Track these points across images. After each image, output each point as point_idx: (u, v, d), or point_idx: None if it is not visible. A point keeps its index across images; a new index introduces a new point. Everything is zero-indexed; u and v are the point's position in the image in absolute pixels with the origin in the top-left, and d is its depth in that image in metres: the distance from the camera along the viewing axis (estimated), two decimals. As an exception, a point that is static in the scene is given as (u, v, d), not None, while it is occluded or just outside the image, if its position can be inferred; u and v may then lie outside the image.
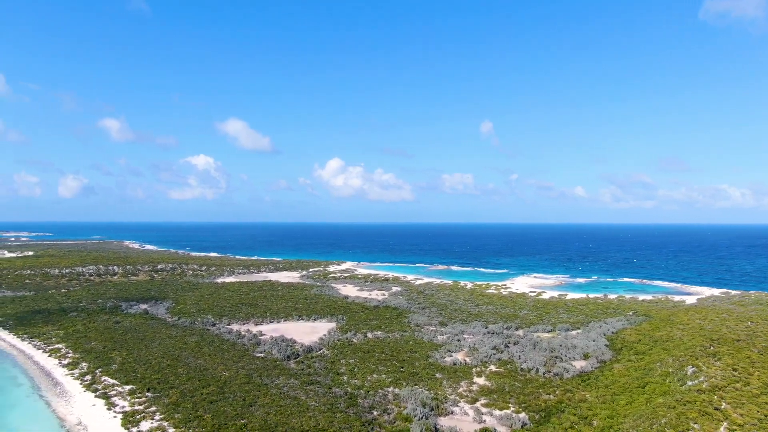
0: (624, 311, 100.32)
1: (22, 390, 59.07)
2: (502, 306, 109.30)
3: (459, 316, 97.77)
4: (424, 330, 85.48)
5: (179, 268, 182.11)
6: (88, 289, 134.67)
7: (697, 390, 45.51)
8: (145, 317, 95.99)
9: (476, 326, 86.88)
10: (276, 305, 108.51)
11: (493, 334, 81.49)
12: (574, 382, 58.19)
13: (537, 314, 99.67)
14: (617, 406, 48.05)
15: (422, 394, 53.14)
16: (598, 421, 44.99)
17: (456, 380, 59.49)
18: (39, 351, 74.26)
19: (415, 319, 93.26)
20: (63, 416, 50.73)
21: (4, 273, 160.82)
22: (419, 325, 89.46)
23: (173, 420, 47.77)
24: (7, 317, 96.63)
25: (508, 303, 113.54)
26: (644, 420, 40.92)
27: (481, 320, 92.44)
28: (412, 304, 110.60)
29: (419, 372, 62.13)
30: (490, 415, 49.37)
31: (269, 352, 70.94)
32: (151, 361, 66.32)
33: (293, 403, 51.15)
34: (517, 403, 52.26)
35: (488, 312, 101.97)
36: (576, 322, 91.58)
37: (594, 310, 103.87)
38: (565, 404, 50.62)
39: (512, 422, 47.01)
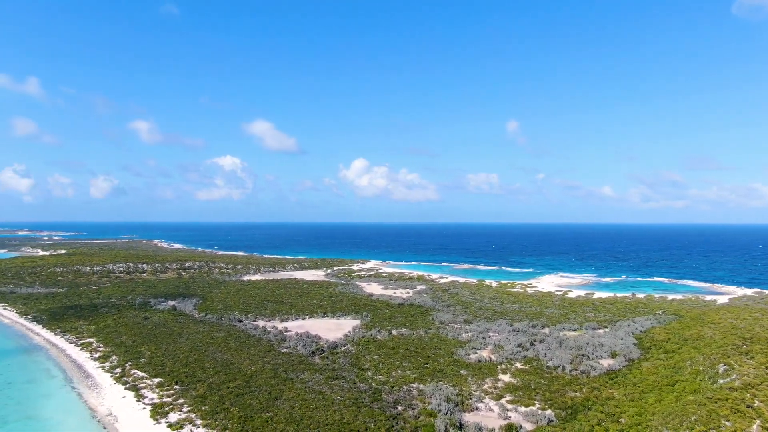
0: (653, 310, 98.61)
1: (55, 382, 60.62)
2: (527, 304, 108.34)
3: (484, 314, 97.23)
4: (449, 327, 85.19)
5: (206, 266, 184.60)
6: (118, 286, 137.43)
7: (728, 388, 44.52)
8: (173, 313, 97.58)
9: (501, 324, 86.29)
10: (301, 302, 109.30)
11: (519, 332, 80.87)
12: (601, 380, 57.42)
13: (563, 313, 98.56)
14: (646, 404, 47.27)
15: (447, 390, 53.03)
16: (626, 418, 44.33)
17: (481, 377, 59.19)
18: (71, 345, 76.08)
19: (440, 317, 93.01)
20: (94, 407, 51.92)
21: (38, 270, 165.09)
22: (444, 322, 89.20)
23: (200, 412, 48.51)
24: (41, 313, 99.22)
25: (534, 302, 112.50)
26: (674, 417, 40.19)
27: (506, 318, 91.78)
28: (437, 302, 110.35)
29: (444, 368, 61.98)
30: (515, 412, 49.03)
31: (294, 348, 71.51)
32: (179, 355, 67.42)
33: (318, 398, 51.49)
34: (543, 400, 51.77)
35: (513, 310, 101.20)
36: (603, 320, 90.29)
37: (622, 309, 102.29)
38: (592, 402, 49.98)
39: (538, 419, 46.60)
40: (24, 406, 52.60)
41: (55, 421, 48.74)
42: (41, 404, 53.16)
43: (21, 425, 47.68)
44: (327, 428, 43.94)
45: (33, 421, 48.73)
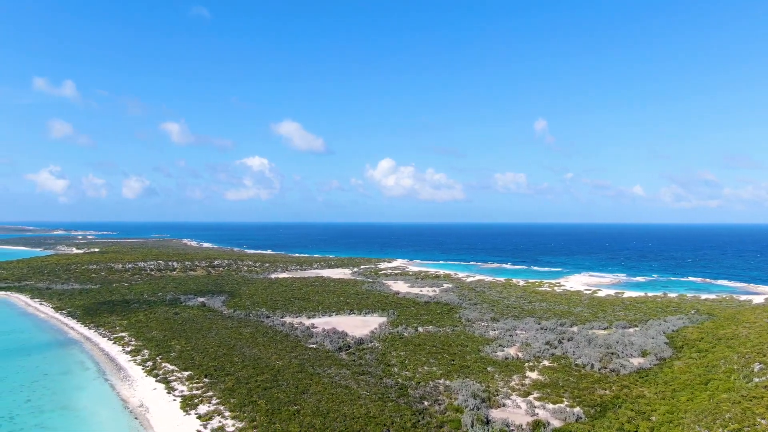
0: (685, 310, 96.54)
1: (89, 374, 62.10)
2: (555, 303, 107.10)
3: (511, 312, 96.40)
4: (476, 325, 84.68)
5: (235, 264, 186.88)
6: (149, 282, 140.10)
7: (764, 386, 43.26)
8: (202, 309, 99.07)
9: (529, 322, 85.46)
10: (328, 300, 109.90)
11: (547, 330, 79.99)
12: (631, 378, 56.43)
13: (592, 311, 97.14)
14: (677, 402, 46.28)
15: (473, 387, 52.72)
16: (657, 416, 43.46)
17: (508, 374, 58.71)
18: (104, 339, 77.85)
19: (466, 315, 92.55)
20: (126, 398, 53.03)
21: (73, 268, 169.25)
22: (470, 320, 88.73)
23: (229, 404, 49.15)
24: (76, 308, 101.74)
25: (562, 300, 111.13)
26: (707, 415, 39.26)
27: (533, 317, 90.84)
28: (464, 300, 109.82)
29: (470, 365, 61.65)
30: (543, 409, 48.49)
31: (321, 344, 71.93)
32: (208, 349, 68.41)
33: (345, 392, 51.70)
34: (572, 397, 51.10)
35: (541, 309, 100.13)
36: (634, 319, 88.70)
37: (653, 308, 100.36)
38: (622, 399, 49.14)
39: (566, 416, 46.01)
40: (59, 396, 54.02)
41: (89, 412, 49.92)
42: (75, 395, 54.52)
43: (56, 415, 48.96)
44: (353, 422, 44.09)
45: (67, 411, 50.00)
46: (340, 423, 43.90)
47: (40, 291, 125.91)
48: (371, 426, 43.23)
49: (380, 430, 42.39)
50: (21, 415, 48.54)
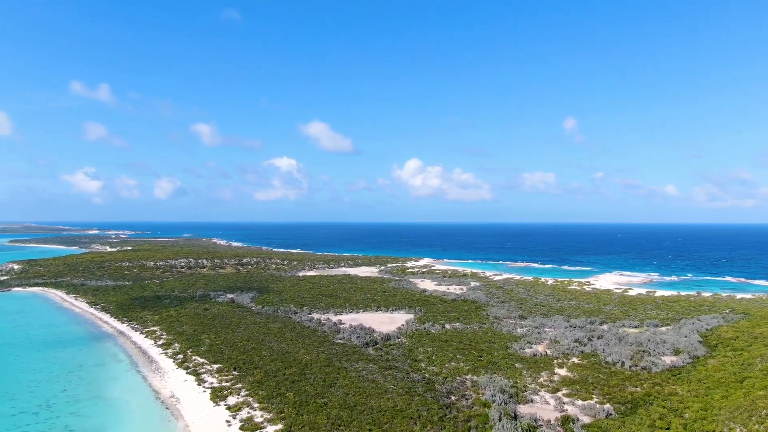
0: (720, 309, 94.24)
1: (122, 365, 63.53)
2: (585, 302, 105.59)
3: (539, 310, 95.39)
4: (503, 323, 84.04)
5: (263, 262, 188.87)
6: (180, 279, 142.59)
7: (803, 385, 42.11)
8: (231, 305, 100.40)
9: (557, 320, 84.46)
10: (355, 297, 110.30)
11: (576, 328, 78.94)
12: (663, 375, 55.31)
13: (623, 310, 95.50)
14: (711, 400, 45.23)
15: (501, 382, 52.31)
16: (690, 413, 42.53)
17: (536, 370, 58.13)
18: (136, 332, 79.52)
19: (494, 312, 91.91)
20: (158, 389, 54.09)
21: (106, 265, 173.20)
22: (498, 318, 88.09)
23: (257, 396, 49.74)
24: (109, 303, 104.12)
25: (592, 299, 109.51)
26: (742, 412, 38.30)
27: (562, 315, 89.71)
28: (491, 298, 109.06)
29: (498, 361, 61.23)
30: (572, 405, 47.88)
31: (348, 339, 72.25)
32: (236, 343, 69.32)
33: (372, 386, 51.85)
34: (602, 394, 50.34)
35: (570, 307, 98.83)
36: (666, 318, 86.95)
37: (686, 307, 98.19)
38: (654, 397, 48.22)
39: (596, 412, 45.35)
40: (93, 386, 55.38)
41: (122, 401, 51.07)
42: (109, 386, 55.83)
43: (90, 404, 50.21)
44: (380, 414, 44.20)
45: (101, 401, 51.23)
46: (367, 416, 44.05)
47: (75, 287, 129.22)
48: (398, 419, 43.27)
49: (407, 423, 42.40)
50: (57, 404, 49.93)
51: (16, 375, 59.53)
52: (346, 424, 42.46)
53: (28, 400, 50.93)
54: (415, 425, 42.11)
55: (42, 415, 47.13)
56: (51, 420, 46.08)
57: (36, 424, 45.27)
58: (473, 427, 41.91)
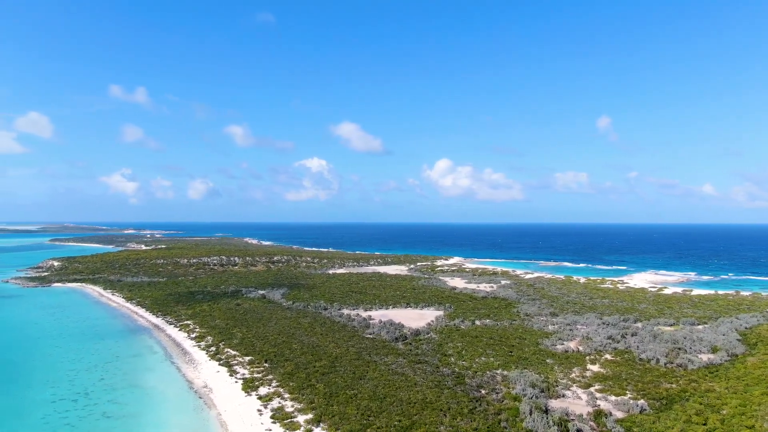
0: (760, 308, 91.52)
1: (157, 357, 64.96)
2: (618, 300, 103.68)
3: (571, 308, 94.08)
4: (534, 320, 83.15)
5: (294, 260, 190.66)
6: (212, 276, 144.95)
7: None
8: (262, 301, 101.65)
9: (590, 318, 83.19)
10: (384, 294, 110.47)
11: (609, 325, 77.62)
12: (699, 373, 54.00)
13: (658, 308, 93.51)
14: (750, 396, 43.98)
15: (532, 377, 51.80)
16: (728, 409, 41.43)
17: (568, 366, 57.38)
18: (171, 326, 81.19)
19: (525, 310, 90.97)
20: (191, 379, 55.15)
21: (142, 262, 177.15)
22: (529, 315, 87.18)
23: (288, 387, 50.30)
24: (145, 298, 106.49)
25: (626, 297, 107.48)
26: (783, 408, 37.16)
27: (595, 312, 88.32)
28: (522, 296, 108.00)
29: (529, 357, 60.63)
30: (605, 400, 47.12)
31: (378, 334, 72.42)
32: (268, 337, 70.18)
33: (401, 379, 51.91)
34: (635, 390, 49.40)
35: (603, 305, 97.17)
36: (702, 317, 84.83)
37: (723, 306, 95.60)
38: (690, 393, 47.11)
39: (629, 407, 44.53)
40: (130, 376, 56.78)
41: (157, 391, 52.23)
42: (144, 375, 57.17)
43: (127, 392, 51.48)
44: (410, 406, 44.22)
45: (137, 389, 52.48)
46: (397, 407, 44.13)
47: (112, 283, 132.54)
48: (428, 411, 43.23)
49: (436, 415, 42.34)
50: (95, 392, 51.35)
51: (57, 365, 61.39)
52: (376, 414, 42.62)
53: (68, 388, 52.50)
54: (444, 417, 42.02)
55: (81, 402, 48.52)
56: (89, 407, 47.40)
57: (75, 410, 46.62)
58: (503, 420, 41.61)
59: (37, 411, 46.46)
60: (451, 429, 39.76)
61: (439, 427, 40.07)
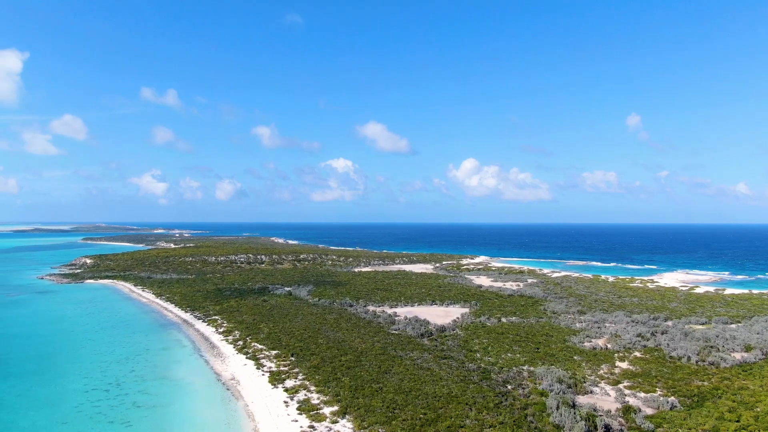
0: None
1: (185, 350, 66.05)
2: (648, 298, 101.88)
3: (599, 306, 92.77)
4: (562, 317, 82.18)
5: (319, 259, 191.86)
6: (240, 274, 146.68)
7: None
8: (288, 297, 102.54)
9: (618, 315, 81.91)
10: (410, 291, 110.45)
11: (638, 323, 76.33)
12: (733, 371, 52.77)
13: (689, 307, 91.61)
14: (786, 394, 42.81)
15: (559, 373, 51.24)
16: (762, 407, 40.41)
17: (596, 363, 56.60)
18: (199, 321, 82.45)
19: (552, 307, 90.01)
20: (219, 372, 55.93)
21: (171, 260, 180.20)
22: (556, 312, 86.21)
23: (314, 380, 50.65)
24: (174, 294, 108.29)
25: (656, 296, 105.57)
26: (820, 405, 36.09)
27: (624, 311, 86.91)
28: (549, 294, 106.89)
29: (555, 353, 59.99)
30: (634, 397, 46.36)
31: (403, 330, 72.44)
32: (294, 332, 70.77)
33: (426, 373, 51.86)
34: (666, 387, 48.51)
35: (632, 303, 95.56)
36: (736, 315, 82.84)
37: (758, 305, 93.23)
38: (722, 391, 46.05)
39: (659, 404, 43.72)
40: (159, 368, 57.85)
41: (185, 382, 53.11)
42: (173, 368, 58.19)
43: (156, 383, 52.47)
44: (435, 400, 44.14)
45: (166, 381, 53.45)
46: (422, 400, 44.10)
47: (142, 279, 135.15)
48: (453, 404, 43.10)
49: (462, 408, 42.17)
50: (126, 383, 52.44)
51: (89, 356, 62.88)
52: (401, 407, 42.65)
53: (100, 379, 53.73)
54: (470, 411, 41.83)
55: (112, 392, 49.60)
56: (120, 396, 48.44)
57: (107, 399, 47.67)
58: (530, 415, 41.24)
59: (71, 400, 47.67)
60: (477, 422, 39.57)
61: (464, 420, 39.92)
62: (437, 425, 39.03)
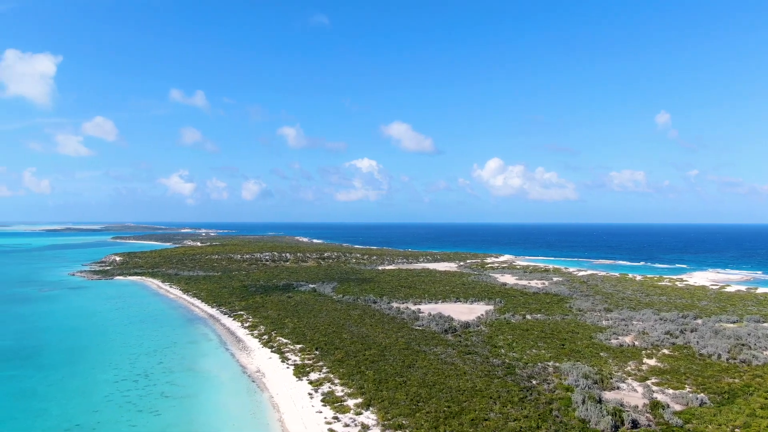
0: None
1: (212, 344, 67.02)
2: (677, 297, 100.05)
3: (626, 304, 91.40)
4: (587, 315, 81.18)
5: (344, 257, 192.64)
6: (265, 271, 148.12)
7: None
8: (313, 294, 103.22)
9: (646, 313, 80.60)
10: (434, 288, 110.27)
11: (666, 321, 75.03)
12: (765, 368, 51.55)
13: (720, 305, 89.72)
14: (821, 392, 41.66)
15: (584, 369, 50.67)
16: (796, 404, 39.40)
17: (623, 360, 55.82)
18: (225, 316, 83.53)
19: (578, 305, 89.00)
20: (245, 365, 56.61)
21: (197, 257, 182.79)
22: (582, 310, 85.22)
23: (338, 373, 50.95)
24: (200, 291, 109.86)
25: (685, 294, 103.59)
26: None
27: (652, 309, 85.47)
28: (574, 292, 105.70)
29: (581, 350, 59.32)
30: (662, 393, 45.61)
31: (427, 326, 72.37)
32: (318, 327, 71.24)
33: (450, 368, 51.76)
34: (695, 384, 47.62)
35: (660, 302, 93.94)
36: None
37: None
38: (754, 388, 45.05)
39: (688, 400, 42.94)
40: (186, 360, 58.81)
41: (212, 374, 53.90)
42: (200, 360, 59.11)
43: (183, 375, 53.37)
44: (459, 394, 44.04)
45: (193, 372, 54.32)
46: (446, 394, 44.04)
47: (169, 276, 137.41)
48: (477, 398, 42.95)
49: (486, 402, 42.00)
50: (154, 374, 53.43)
51: (118, 349, 64.20)
52: (425, 400, 42.65)
53: (129, 370, 54.83)
54: (494, 404, 41.64)
55: (141, 383, 50.58)
56: (149, 387, 49.37)
57: (136, 389, 48.63)
58: (555, 409, 40.88)
59: (102, 390, 48.72)
60: (501, 416, 39.37)
61: (488, 414, 39.75)
62: (461, 418, 38.94)
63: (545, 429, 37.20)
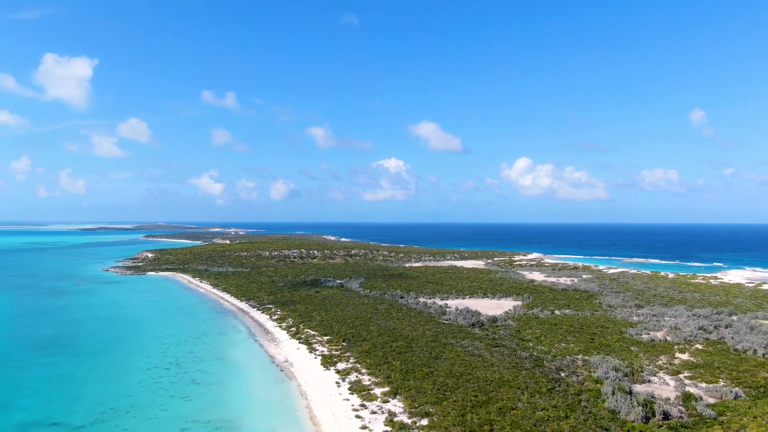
0: None
1: (241, 335, 68.00)
2: (710, 294, 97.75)
3: (658, 300, 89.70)
4: (618, 311, 79.98)
5: (371, 254, 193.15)
6: (293, 267, 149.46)
7: None
8: (340, 289, 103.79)
9: (679, 309, 79.07)
10: (461, 284, 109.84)
11: (700, 317, 73.47)
12: (803, 364, 50.11)
13: (756, 303, 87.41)
14: None
15: (614, 362, 49.98)
16: (836, 398, 38.23)
17: (654, 354, 54.91)
18: (254, 309, 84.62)
19: (608, 301, 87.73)
20: (273, 355, 57.32)
21: (227, 254, 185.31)
22: (612, 306, 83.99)
23: (365, 363, 51.22)
24: (230, 285, 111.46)
25: (719, 291, 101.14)
26: None
27: (685, 305, 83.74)
28: (604, 289, 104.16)
29: (611, 344, 58.51)
30: (694, 387, 44.74)
31: (454, 320, 72.22)
32: (345, 320, 71.67)
33: (478, 360, 51.59)
34: (729, 378, 46.61)
35: (694, 299, 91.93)
36: (808, 311, 78.43)
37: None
38: (792, 382, 43.83)
39: (722, 394, 42.04)
40: (216, 350, 59.85)
41: (241, 363, 54.72)
42: (229, 350, 60.06)
43: (214, 363, 54.32)
44: (486, 384, 43.89)
45: (223, 361, 55.25)
46: (473, 384, 43.94)
47: (200, 272, 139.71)
48: (505, 388, 42.75)
49: (514, 392, 41.78)
50: (186, 363, 54.50)
51: (151, 339, 65.65)
52: (452, 390, 42.62)
53: (161, 358, 56.05)
54: (522, 395, 41.38)
55: (172, 371, 51.65)
56: (180, 374, 50.40)
57: (168, 377, 49.70)
58: (584, 400, 40.45)
59: (135, 376, 49.94)
60: (529, 405, 39.12)
61: (516, 403, 39.54)
62: (489, 407, 38.83)
63: (574, 419, 36.83)
